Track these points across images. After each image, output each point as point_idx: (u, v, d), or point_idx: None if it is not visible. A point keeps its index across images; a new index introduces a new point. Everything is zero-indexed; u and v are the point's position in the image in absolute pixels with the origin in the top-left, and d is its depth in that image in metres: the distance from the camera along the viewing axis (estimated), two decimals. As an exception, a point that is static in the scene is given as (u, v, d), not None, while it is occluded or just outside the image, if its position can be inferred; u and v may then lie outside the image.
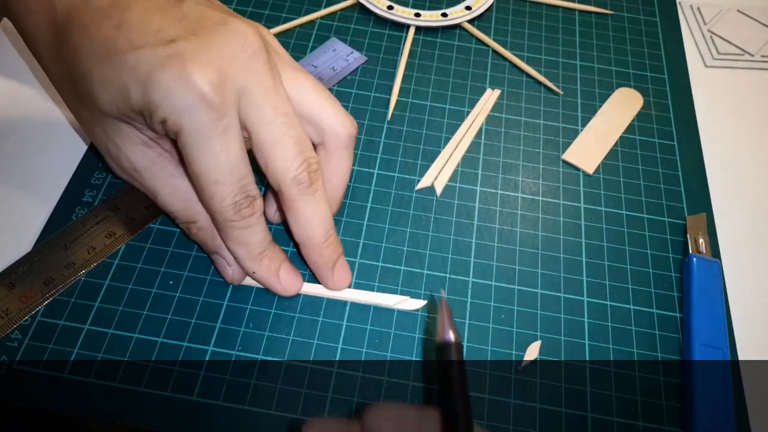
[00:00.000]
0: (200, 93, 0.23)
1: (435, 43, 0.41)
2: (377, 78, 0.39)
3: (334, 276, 0.29)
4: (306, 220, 0.27)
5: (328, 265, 0.28)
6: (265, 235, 0.27)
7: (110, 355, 0.27)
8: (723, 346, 0.29)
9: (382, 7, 0.41)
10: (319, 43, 0.40)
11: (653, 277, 0.32)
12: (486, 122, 0.37)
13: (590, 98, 0.39)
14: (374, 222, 0.32)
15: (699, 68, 0.42)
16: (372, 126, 0.36)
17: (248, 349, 0.28)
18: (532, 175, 0.35)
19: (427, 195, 0.34)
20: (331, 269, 0.29)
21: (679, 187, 0.35)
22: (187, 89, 0.23)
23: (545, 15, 0.43)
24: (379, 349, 0.28)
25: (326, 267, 0.28)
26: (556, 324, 0.30)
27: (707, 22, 0.44)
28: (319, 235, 0.27)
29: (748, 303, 0.31)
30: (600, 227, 0.33)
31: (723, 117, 0.39)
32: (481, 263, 0.31)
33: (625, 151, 0.37)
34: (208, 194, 0.25)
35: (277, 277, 0.28)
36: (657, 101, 0.39)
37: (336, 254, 0.29)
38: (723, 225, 0.34)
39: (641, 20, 0.44)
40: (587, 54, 0.41)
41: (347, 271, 0.29)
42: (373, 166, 0.35)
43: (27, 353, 0.27)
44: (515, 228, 0.33)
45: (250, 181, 0.25)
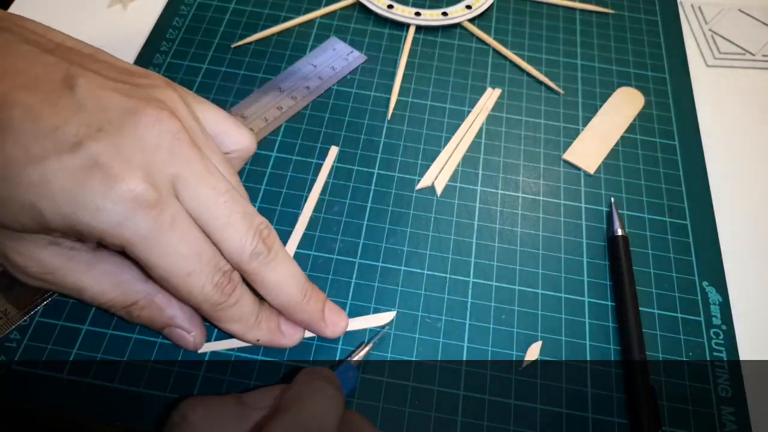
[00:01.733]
0: (133, 199, 0.20)
1: (435, 43, 0.41)
2: (377, 77, 0.38)
3: (327, 325, 0.27)
4: (278, 287, 0.25)
5: (317, 318, 0.27)
6: (253, 300, 0.26)
7: (109, 356, 0.27)
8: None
9: (382, 6, 0.41)
10: (319, 42, 0.40)
11: (654, 278, 0.31)
12: (486, 122, 0.37)
13: (591, 98, 0.39)
14: (374, 222, 0.32)
15: (700, 68, 0.42)
16: (372, 126, 0.36)
17: (248, 349, 0.28)
18: (533, 174, 0.35)
19: (427, 195, 0.34)
20: (321, 320, 0.27)
21: (680, 186, 0.35)
22: (117, 201, 0.20)
23: (546, 14, 0.43)
24: (379, 349, 0.28)
25: (316, 320, 0.27)
26: (557, 324, 0.30)
27: (708, 21, 0.44)
28: (296, 296, 0.25)
29: (748, 303, 0.31)
30: (601, 227, 0.33)
31: (724, 116, 0.39)
32: (481, 263, 0.31)
33: (626, 150, 0.36)
34: (185, 290, 0.23)
35: (280, 332, 0.27)
36: (658, 101, 0.39)
37: (320, 303, 0.27)
38: (724, 224, 0.34)
39: (642, 19, 0.44)
40: (588, 53, 0.41)
41: (339, 313, 0.27)
42: (373, 166, 0.34)
43: (26, 353, 0.27)
44: (516, 228, 0.33)
45: (219, 256, 0.23)
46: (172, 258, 0.22)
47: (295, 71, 0.38)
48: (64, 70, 0.22)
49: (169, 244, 0.22)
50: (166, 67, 0.37)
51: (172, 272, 0.22)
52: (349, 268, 0.31)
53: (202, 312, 0.24)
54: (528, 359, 0.28)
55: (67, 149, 0.20)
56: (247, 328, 0.26)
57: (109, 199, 0.20)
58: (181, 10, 0.41)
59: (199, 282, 0.23)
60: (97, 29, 0.40)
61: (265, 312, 0.26)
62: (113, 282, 0.25)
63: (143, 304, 0.25)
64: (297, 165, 0.34)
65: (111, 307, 0.25)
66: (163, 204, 0.21)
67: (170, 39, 0.39)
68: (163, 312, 0.26)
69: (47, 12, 0.40)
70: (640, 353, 0.28)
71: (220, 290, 0.23)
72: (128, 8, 0.41)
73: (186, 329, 0.26)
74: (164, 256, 0.22)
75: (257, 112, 0.36)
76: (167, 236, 0.22)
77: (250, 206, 0.25)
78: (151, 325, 0.26)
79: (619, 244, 0.31)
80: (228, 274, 0.24)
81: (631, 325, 0.29)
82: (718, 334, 0.30)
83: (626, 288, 0.30)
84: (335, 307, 0.27)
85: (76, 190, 0.20)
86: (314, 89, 0.37)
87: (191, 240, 0.22)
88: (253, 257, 0.24)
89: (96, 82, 0.22)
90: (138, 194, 0.21)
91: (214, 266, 0.23)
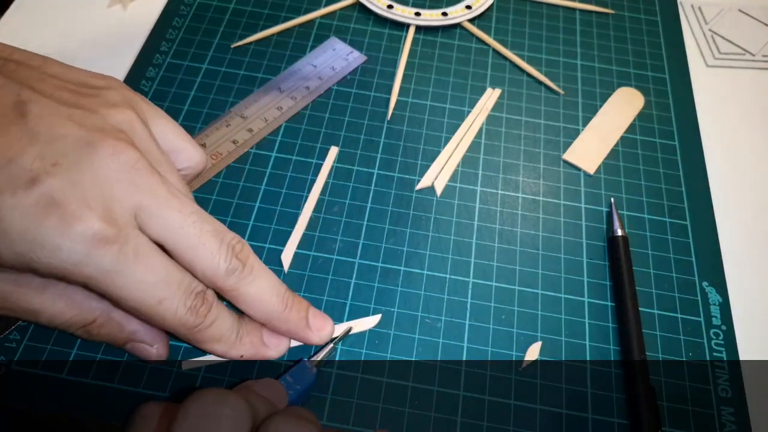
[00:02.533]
0: (91, 237, 0.20)
1: (435, 43, 0.41)
2: (377, 77, 0.38)
3: (312, 331, 0.27)
4: (258, 300, 0.25)
5: (301, 326, 0.26)
6: (232, 317, 0.25)
7: (109, 356, 0.27)
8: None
9: (382, 6, 0.41)
10: (319, 42, 0.40)
11: (654, 278, 0.31)
12: (486, 122, 0.37)
13: (591, 98, 0.39)
14: (374, 222, 0.32)
15: (700, 68, 0.42)
16: (372, 126, 0.36)
17: (248, 349, 0.28)
18: (533, 175, 0.35)
19: (427, 195, 0.34)
20: (306, 327, 0.26)
21: (680, 187, 0.35)
22: (76, 240, 0.20)
23: (546, 14, 0.43)
24: (379, 349, 0.28)
25: (300, 328, 0.26)
26: (557, 325, 0.30)
27: (708, 21, 0.44)
28: (277, 306, 0.25)
29: (748, 303, 0.31)
30: (601, 227, 0.33)
31: (724, 117, 0.39)
32: (481, 264, 0.31)
33: (626, 150, 0.36)
34: (159, 317, 0.23)
35: (264, 345, 0.26)
36: (658, 101, 0.39)
37: (302, 311, 0.26)
38: (724, 224, 0.34)
39: (642, 20, 0.44)
40: (588, 53, 0.41)
41: (323, 318, 0.27)
42: (373, 166, 0.34)
43: (25, 353, 0.27)
44: (516, 228, 0.33)
45: (190, 278, 0.23)
46: (139, 289, 0.22)
47: (295, 71, 0.38)
48: (15, 93, 0.21)
49: (134, 276, 0.21)
50: (166, 67, 0.37)
51: (141, 302, 0.22)
52: (349, 269, 0.31)
53: (180, 336, 0.24)
54: (528, 359, 0.28)
55: (21, 185, 0.19)
56: (229, 346, 0.25)
57: (67, 239, 0.20)
58: (181, 10, 0.41)
59: (172, 307, 0.22)
60: (97, 29, 0.40)
61: (246, 326, 0.26)
62: (68, 302, 0.24)
63: (101, 322, 0.25)
64: (297, 165, 0.34)
65: (69, 327, 0.25)
66: (123, 238, 0.21)
67: (170, 39, 0.39)
68: (123, 328, 0.25)
69: (47, 12, 0.40)
70: (640, 353, 0.28)
71: (194, 312, 0.23)
72: (128, 8, 0.41)
73: (148, 342, 0.26)
74: (131, 287, 0.21)
75: (257, 112, 0.36)
76: (132, 269, 0.21)
77: (218, 223, 0.24)
78: (112, 342, 0.26)
79: (619, 245, 0.31)
80: (201, 295, 0.23)
81: (631, 326, 0.29)
82: (718, 334, 0.30)
83: (626, 288, 0.30)
84: (319, 313, 0.27)
85: (32, 229, 0.19)
86: (314, 89, 0.37)
87: (157, 268, 0.22)
88: (229, 273, 0.24)
89: (48, 108, 0.21)
90: (95, 233, 0.20)
91: (185, 290, 0.23)
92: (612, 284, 0.31)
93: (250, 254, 0.25)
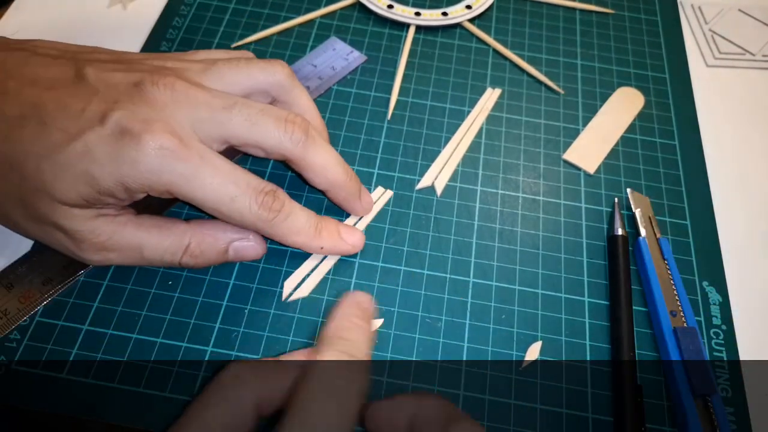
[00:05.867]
0: (161, 149, 0.24)
1: (435, 43, 0.41)
2: (377, 77, 0.38)
3: (362, 203, 0.31)
4: (324, 167, 0.28)
5: (356, 196, 0.30)
6: (307, 212, 0.28)
7: (109, 356, 0.27)
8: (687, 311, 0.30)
9: (382, 6, 0.41)
10: (319, 42, 0.40)
11: (654, 278, 0.31)
12: (486, 122, 0.37)
13: (591, 97, 0.39)
14: (374, 222, 0.32)
15: (700, 68, 0.42)
16: (372, 125, 0.36)
17: (247, 349, 0.28)
18: (533, 174, 0.35)
19: (427, 195, 0.34)
20: (358, 199, 0.31)
21: (680, 186, 0.35)
22: (150, 154, 0.24)
23: (546, 14, 0.43)
24: (379, 349, 0.28)
25: (354, 197, 0.30)
26: (557, 324, 0.30)
27: (708, 21, 0.44)
28: (341, 175, 0.29)
29: (748, 303, 0.31)
30: (601, 227, 0.33)
31: (724, 116, 0.39)
32: (481, 263, 0.31)
33: (626, 150, 0.36)
34: (236, 215, 0.26)
35: (342, 239, 0.30)
36: (658, 101, 0.39)
37: (359, 183, 0.31)
38: (724, 224, 0.34)
39: (642, 19, 0.44)
40: (588, 53, 0.41)
41: (368, 194, 0.32)
42: (373, 166, 0.34)
43: (26, 353, 0.27)
44: (516, 228, 0.33)
45: (258, 179, 0.26)
46: (212, 190, 0.25)
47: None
48: (73, 67, 0.26)
49: (205, 179, 0.25)
50: (166, 67, 0.37)
51: (217, 201, 0.25)
52: (350, 268, 0.31)
53: (261, 232, 0.27)
54: (528, 359, 0.28)
55: (96, 122, 0.24)
56: (309, 238, 0.28)
57: (142, 153, 0.24)
58: (181, 10, 0.41)
59: (245, 203, 0.26)
60: (97, 29, 0.40)
61: (324, 222, 0.29)
62: (162, 232, 0.27)
63: (196, 241, 0.28)
64: (297, 165, 0.34)
65: (172, 256, 0.27)
66: (188, 146, 0.25)
67: (170, 39, 0.39)
68: (217, 238, 0.28)
69: (47, 12, 0.40)
70: (629, 352, 0.28)
71: (267, 208, 0.26)
72: (128, 8, 0.41)
73: (245, 238, 0.29)
74: (205, 188, 0.25)
75: (257, 112, 0.36)
76: (201, 171, 0.25)
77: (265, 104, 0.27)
78: (217, 257, 0.28)
79: (618, 244, 0.31)
80: (271, 193, 0.26)
81: (622, 324, 0.29)
82: (718, 334, 0.30)
83: (621, 287, 0.30)
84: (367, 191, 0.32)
85: (114, 151, 0.24)
86: (314, 89, 0.37)
87: (223, 170, 0.25)
88: (294, 144, 0.27)
89: (100, 68, 0.26)
90: (162, 144, 0.24)
91: (254, 188, 0.26)
92: (608, 283, 0.31)
93: (310, 128, 0.28)
